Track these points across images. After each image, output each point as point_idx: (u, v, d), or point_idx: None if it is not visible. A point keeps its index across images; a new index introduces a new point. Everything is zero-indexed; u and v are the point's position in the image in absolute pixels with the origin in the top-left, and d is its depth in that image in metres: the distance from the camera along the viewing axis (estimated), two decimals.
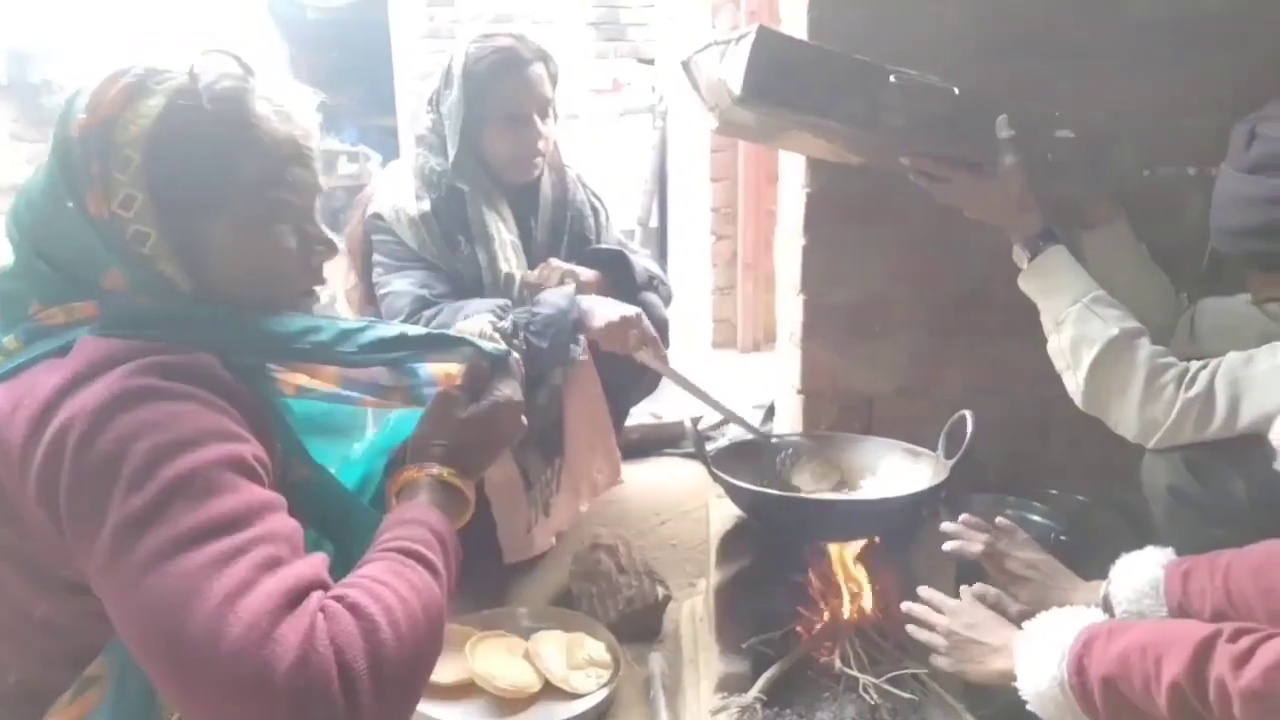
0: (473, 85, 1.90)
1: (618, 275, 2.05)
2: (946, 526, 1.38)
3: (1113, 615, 1.21)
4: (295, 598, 0.80)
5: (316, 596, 0.81)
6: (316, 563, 0.86)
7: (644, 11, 6.11)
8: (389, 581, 0.86)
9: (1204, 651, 0.89)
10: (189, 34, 6.64)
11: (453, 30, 7.14)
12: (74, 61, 5.02)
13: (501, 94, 1.91)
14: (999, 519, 1.41)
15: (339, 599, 0.82)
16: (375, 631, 0.81)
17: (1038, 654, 1.06)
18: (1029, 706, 1.06)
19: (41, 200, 0.96)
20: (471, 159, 1.95)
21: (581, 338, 1.93)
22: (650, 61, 5.74)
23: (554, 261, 1.98)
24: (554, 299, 1.86)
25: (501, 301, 1.87)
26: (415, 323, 1.80)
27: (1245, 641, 0.87)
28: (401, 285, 1.88)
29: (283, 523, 0.87)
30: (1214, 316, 1.61)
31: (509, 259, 1.96)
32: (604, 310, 1.86)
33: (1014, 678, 1.09)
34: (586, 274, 2.00)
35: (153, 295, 0.96)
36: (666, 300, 2.19)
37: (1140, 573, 1.22)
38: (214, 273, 0.99)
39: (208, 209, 0.98)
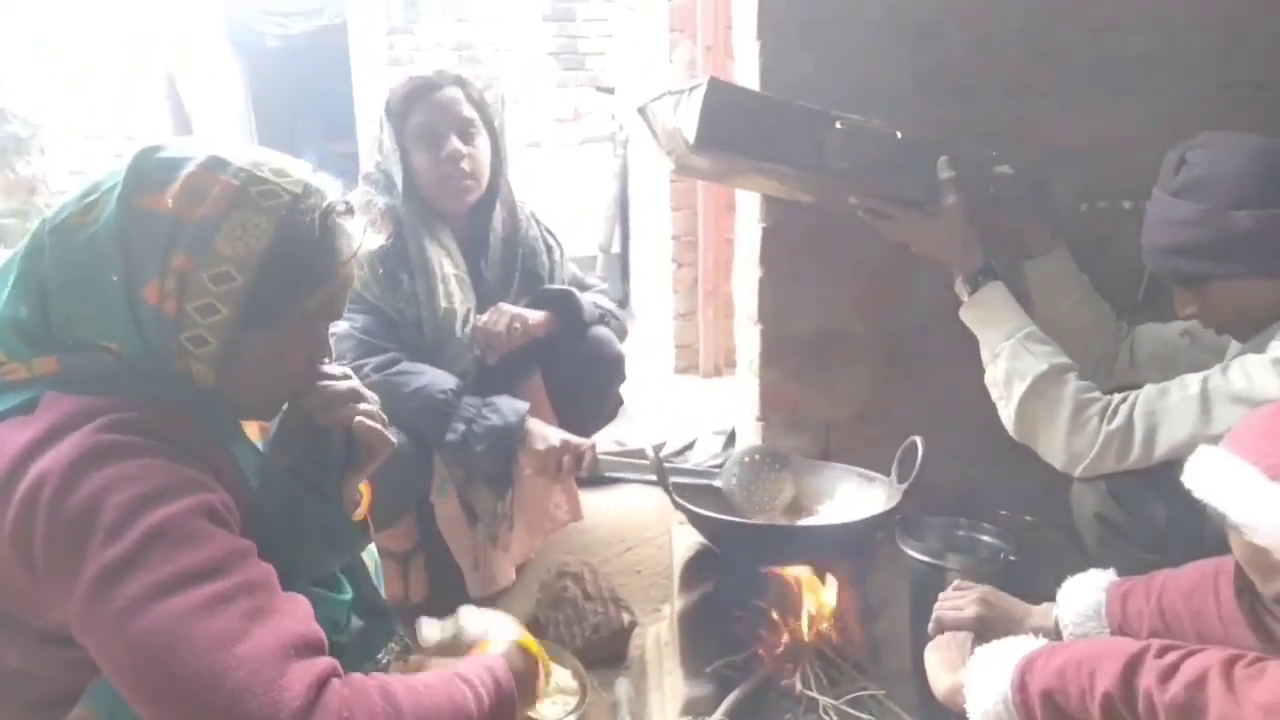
0: (395, 119, 1.97)
1: (565, 315, 2.08)
2: None
3: (1062, 638, 1.27)
4: (295, 649, 0.84)
5: (327, 663, 0.87)
6: (304, 615, 0.90)
7: (603, 41, 6.21)
8: (433, 686, 0.94)
9: (1133, 665, 0.95)
10: (146, 62, 6.61)
11: (413, 57, 7.17)
12: (28, 90, 4.99)
13: (416, 119, 1.96)
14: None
15: (374, 679, 0.89)
16: (398, 715, 0.88)
17: (985, 674, 1.11)
18: None
19: (81, 257, 0.95)
20: (412, 195, 1.97)
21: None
22: (610, 90, 5.82)
23: (504, 306, 1.99)
24: (508, 411, 1.88)
25: (454, 384, 1.88)
26: (362, 368, 1.83)
27: (1171, 657, 0.93)
28: (343, 327, 1.89)
29: (258, 570, 0.90)
30: (1151, 346, 1.70)
31: (451, 294, 1.96)
32: (541, 439, 1.88)
33: (962, 695, 1.14)
34: (535, 316, 2.02)
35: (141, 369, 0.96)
36: (621, 334, 2.22)
37: (1083, 596, 1.29)
38: (235, 374, 1.00)
39: (263, 327, 1.00)
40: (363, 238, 1.07)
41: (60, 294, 0.96)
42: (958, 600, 1.36)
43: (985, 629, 1.29)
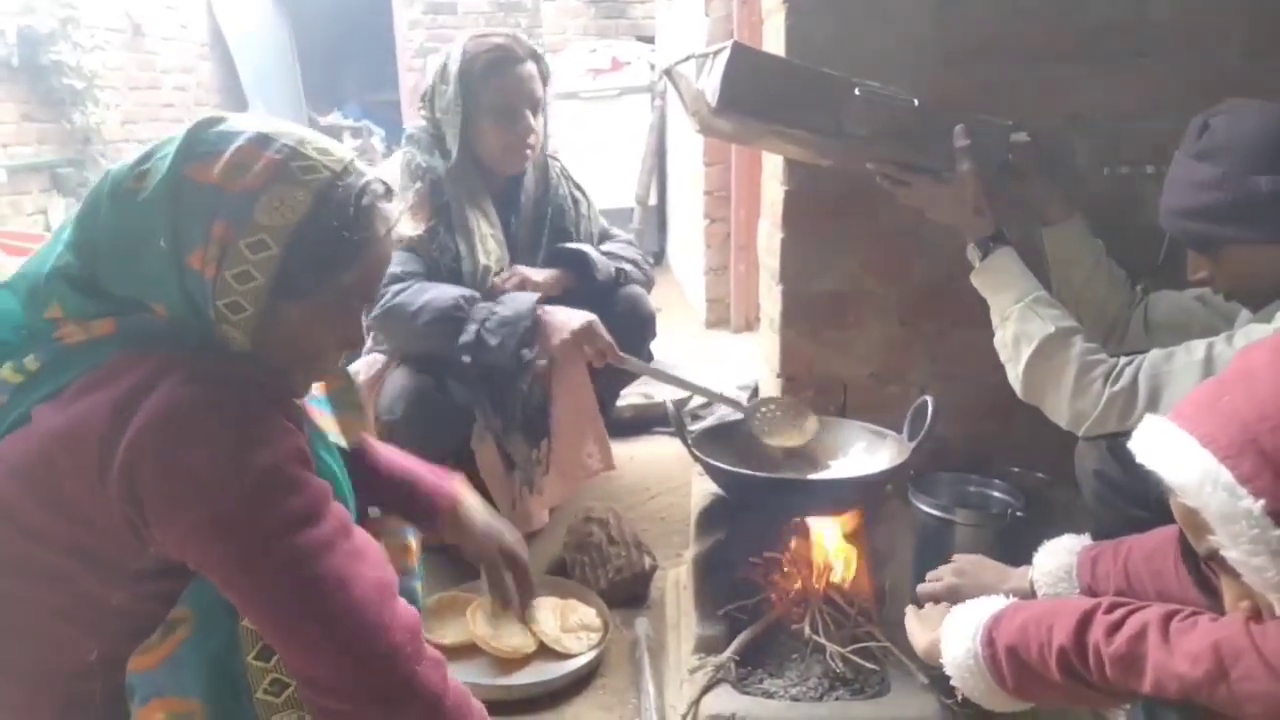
0: (468, 83, 2.00)
1: (578, 272, 2.15)
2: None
3: (1036, 599, 1.34)
4: (391, 590, 1.00)
5: (416, 613, 1.04)
6: (383, 559, 1.04)
7: None
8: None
9: (1085, 621, 1.02)
10: (193, 15, 6.69)
11: (454, 6, 7.19)
12: (83, 44, 5.10)
13: (495, 90, 2.00)
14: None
15: None
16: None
17: (958, 631, 1.18)
18: (952, 681, 1.19)
19: (132, 222, 0.98)
20: (465, 154, 2.04)
21: (538, 346, 1.98)
22: (650, 40, 5.79)
23: (518, 269, 2.08)
24: (517, 302, 1.95)
25: (467, 292, 1.95)
26: (384, 294, 1.90)
27: (1118, 613, 1.00)
28: None
29: (342, 512, 1.02)
30: (1166, 312, 1.72)
31: (488, 251, 2.05)
32: (560, 325, 1.93)
33: (939, 651, 1.21)
34: (544, 275, 2.10)
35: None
36: (647, 285, 2.26)
37: (1055, 559, 1.36)
38: (269, 341, 1.04)
39: (295, 297, 1.02)
40: (398, 220, 1.10)
41: (111, 254, 1.00)
42: (935, 573, 1.45)
43: (958, 595, 1.36)
